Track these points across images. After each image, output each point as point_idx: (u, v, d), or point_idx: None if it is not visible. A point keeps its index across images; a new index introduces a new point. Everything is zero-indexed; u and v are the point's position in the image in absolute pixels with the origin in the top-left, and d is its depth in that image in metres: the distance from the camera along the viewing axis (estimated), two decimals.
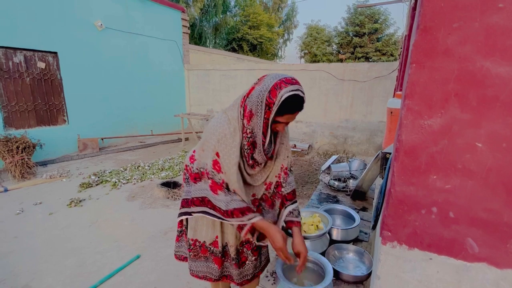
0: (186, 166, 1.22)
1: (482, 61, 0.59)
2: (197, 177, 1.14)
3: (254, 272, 1.29)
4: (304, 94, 1.00)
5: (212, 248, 1.23)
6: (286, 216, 1.23)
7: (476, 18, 0.58)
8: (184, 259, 1.36)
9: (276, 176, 1.22)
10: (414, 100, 0.67)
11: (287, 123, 1.05)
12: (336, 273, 1.21)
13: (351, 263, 1.36)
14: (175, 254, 1.39)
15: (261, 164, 1.15)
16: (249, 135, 1.05)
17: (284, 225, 1.24)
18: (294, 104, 0.98)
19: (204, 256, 1.25)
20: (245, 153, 1.08)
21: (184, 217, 1.25)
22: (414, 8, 2.10)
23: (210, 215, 1.13)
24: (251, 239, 1.16)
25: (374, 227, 1.27)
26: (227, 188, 1.08)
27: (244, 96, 1.05)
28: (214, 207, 1.10)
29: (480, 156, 0.63)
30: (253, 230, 1.10)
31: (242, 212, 1.06)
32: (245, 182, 1.13)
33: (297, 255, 1.13)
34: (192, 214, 1.21)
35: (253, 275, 1.29)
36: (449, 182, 0.67)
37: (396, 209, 0.73)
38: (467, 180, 0.65)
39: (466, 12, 0.58)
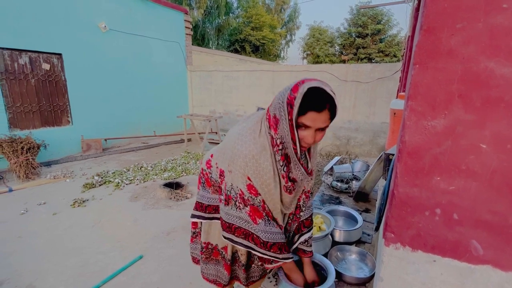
0: (202, 170, 1.20)
1: (486, 62, 0.59)
2: (226, 198, 1.04)
3: (261, 275, 1.29)
4: (334, 94, 0.85)
5: (223, 253, 1.22)
6: (300, 244, 1.18)
7: (480, 19, 0.58)
8: (198, 262, 1.35)
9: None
10: (417, 101, 0.66)
11: (316, 129, 0.89)
12: (339, 275, 1.21)
13: (353, 265, 1.35)
14: (191, 255, 1.39)
15: (298, 184, 1.04)
16: (280, 147, 0.94)
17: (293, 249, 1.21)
18: (319, 100, 0.84)
19: (215, 259, 1.24)
20: (282, 172, 0.97)
21: (197, 220, 1.24)
22: (417, 9, 2.09)
23: (238, 244, 1.05)
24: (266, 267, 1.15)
25: (377, 229, 1.26)
26: (267, 216, 1.01)
27: (268, 107, 0.97)
28: (246, 236, 1.03)
29: (484, 158, 0.63)
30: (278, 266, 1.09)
31: (280, 248, 1.03)
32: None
33: (311, 282, 1.16)
34: (206, 218, 1.20)
35: (260, 276, 1.29)
36: (453, 184, 0.66)
37: (399, 210, 0.73)
38: (471, 181, 0.65)
39: (470, 12, 0.58)
